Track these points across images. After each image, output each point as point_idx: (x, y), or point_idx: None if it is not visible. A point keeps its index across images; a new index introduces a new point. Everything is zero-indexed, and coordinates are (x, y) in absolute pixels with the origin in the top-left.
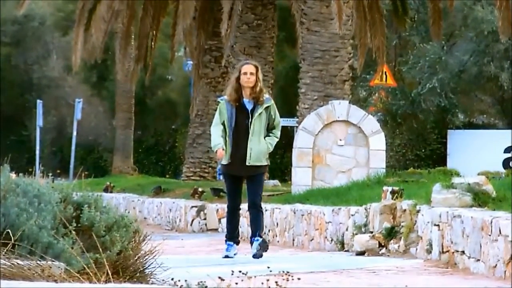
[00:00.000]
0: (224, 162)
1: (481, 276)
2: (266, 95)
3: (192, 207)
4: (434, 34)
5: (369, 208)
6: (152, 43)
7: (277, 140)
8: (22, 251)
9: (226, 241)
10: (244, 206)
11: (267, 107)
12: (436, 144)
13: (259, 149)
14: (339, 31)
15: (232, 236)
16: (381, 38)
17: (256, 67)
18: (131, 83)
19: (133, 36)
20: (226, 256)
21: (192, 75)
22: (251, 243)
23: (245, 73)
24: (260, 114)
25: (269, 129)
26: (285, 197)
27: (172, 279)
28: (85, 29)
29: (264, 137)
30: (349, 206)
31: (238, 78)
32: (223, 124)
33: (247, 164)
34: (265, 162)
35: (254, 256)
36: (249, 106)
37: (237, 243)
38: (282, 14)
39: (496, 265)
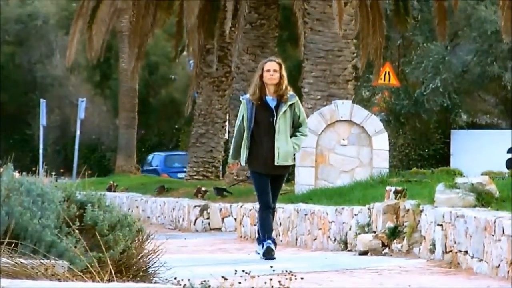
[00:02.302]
0: (242, 163)
1: (484, 276)
2: (290, 92)
3: (195, 206)
4: (440, 34)
5: (372, 208)
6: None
7: (305, 138)
8: (26, 250)
9: (263, 240)
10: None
11: (291, 104)
12: (439, 144)
13: (286, 149)
14: (340, 31)
15: (269, 235)
16: (379, 39)
17: (280, 64)
18: (131, 81)
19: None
20: (268, 248)
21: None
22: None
23: (268, 70)
24: (284, 112)
25: (295, 127)
26: (288, 197)
27: (175, 278)
28: (87, 28)
29: (290, 136)
30: (352, 205)
31: (261, 76)
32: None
33: (275, 164)
34: (291, 162)
35: (266, 258)
36: (273, 104)
37: (275, 244)
38: (285, 14)
39: (499, 265)
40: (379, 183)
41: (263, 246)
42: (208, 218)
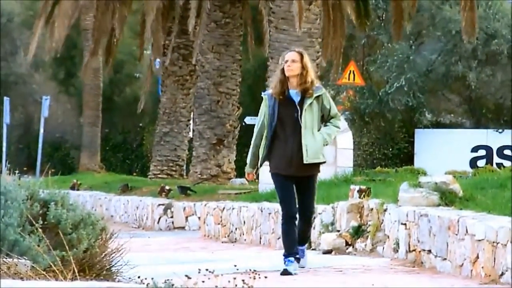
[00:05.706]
0: (259, 164)
1: (447, 275)
2: (317, 84)
3: (159, 205)
4: (395, 34)
5: (336, 207)
6: (115, 40)
7: (337, 130)
8: None
9: (284, 257)
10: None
11: (318, 97)
12: (403, 143)
13: (315, 144)
14: (299, 31)
15: (291, 251)
16: (340, 39)
17: (301, 54)
18: (84, 76)
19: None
20: (285, 271)
21: (160, 73)
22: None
23: (287, 61)
24: (310, 104)
25: (326, 121)
26: (252, 196)
27: (139, 277)
28: (46, 22)
29: (318, 130)
30: (316, 204)
31: (283, 70)
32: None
33: (304, 162)
34: (323, 158)
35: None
36: (297, 98)
37: (298, 260)
38: (250, 12)
39: (462, 264)
40: (343, 182)
41: (284, 263)
42: (172, 217)
